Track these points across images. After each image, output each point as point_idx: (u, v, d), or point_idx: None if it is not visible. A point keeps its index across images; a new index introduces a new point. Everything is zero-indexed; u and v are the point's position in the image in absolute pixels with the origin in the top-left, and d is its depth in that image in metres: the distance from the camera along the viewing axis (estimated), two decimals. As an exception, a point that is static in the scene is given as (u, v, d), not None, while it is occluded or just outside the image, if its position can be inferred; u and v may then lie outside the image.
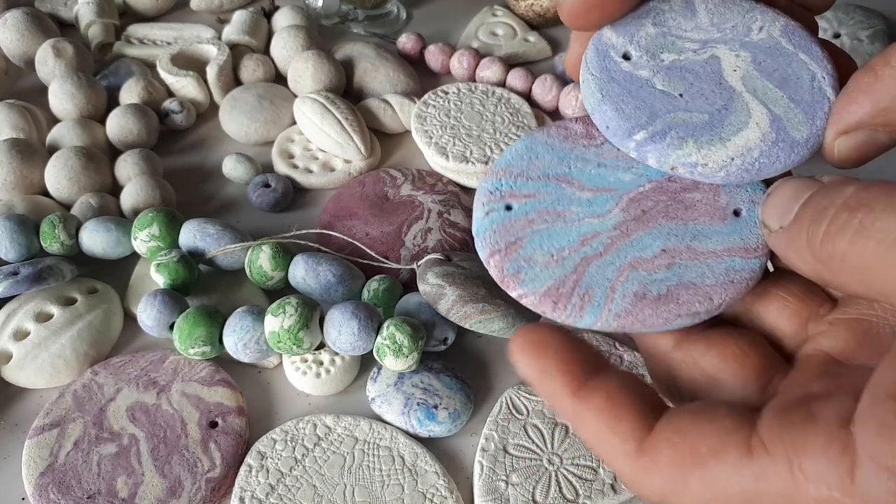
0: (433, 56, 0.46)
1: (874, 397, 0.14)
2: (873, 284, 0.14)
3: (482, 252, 0.20)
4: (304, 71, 0.43)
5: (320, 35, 0.48)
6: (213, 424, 0.30)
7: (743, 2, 0.21)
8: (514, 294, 0.19)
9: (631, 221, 0.20)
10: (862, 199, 0.15)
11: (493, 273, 0.20)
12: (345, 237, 0.35)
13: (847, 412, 0.14)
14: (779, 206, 0.17)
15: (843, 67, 0.20)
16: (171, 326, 0.31)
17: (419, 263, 0.32)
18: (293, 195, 0.40)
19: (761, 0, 0.21)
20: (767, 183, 0.19)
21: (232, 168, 0.40)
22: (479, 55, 0.45)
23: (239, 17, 0.47)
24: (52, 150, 0.39)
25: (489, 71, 0.44)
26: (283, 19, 0.48)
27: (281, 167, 0.40)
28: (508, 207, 0.20)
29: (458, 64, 0.45)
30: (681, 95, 0.20)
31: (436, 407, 0.30)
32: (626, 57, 0.20)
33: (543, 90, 0.43)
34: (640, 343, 0.20)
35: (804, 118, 0.19)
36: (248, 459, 0.29)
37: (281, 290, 0.34)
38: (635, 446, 0.16)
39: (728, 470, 0.15)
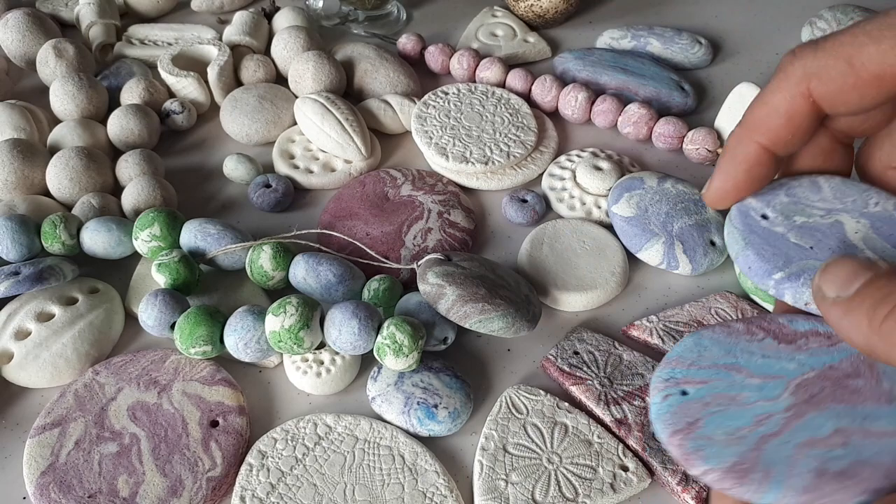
0: (433, 57, 0.47)
1: None
2: None
3: (663, 433, 0.22)
4: (304, 71, 0.43)
5: (321, 36, 0.48)
6: (214, 424, 0.30)
7: (860, 183, 0.24)
8: (697, 471, 0.21)
9: (801, 404, 0.21)
10: None
11: (675, 452, 0.21)
12: (345, 237, 0.35)
13: None
14: (839, 277, 0.20)
15: None
16: (172, 326, 0.31)
17: (419, 263, 0.32)
18: (294, 195, 0.40)
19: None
20: None
21: (233, 168, 0.40)
22: (478, 56, 0.46)
23: (240, 18, 0.47)
24: (54, 150, 0.39)
25: (489, 72, 0.45)
26: (284, 20, 0.48)
27: (281, 167, 0.41)
28: (684, 392, 0.22)
29: (458, 65, 0.45)
30: (811, 248, 0.23)
31: (436, 406, 0.30)
32: (765, 217, 0.24)
33: (543, 91, 0.43)
34: None
35: None
36: (249, 458, 0.29)
37: (282, 289, 0.34)
38: None
39: None
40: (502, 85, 0.45)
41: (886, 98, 0.22)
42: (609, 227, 0.38)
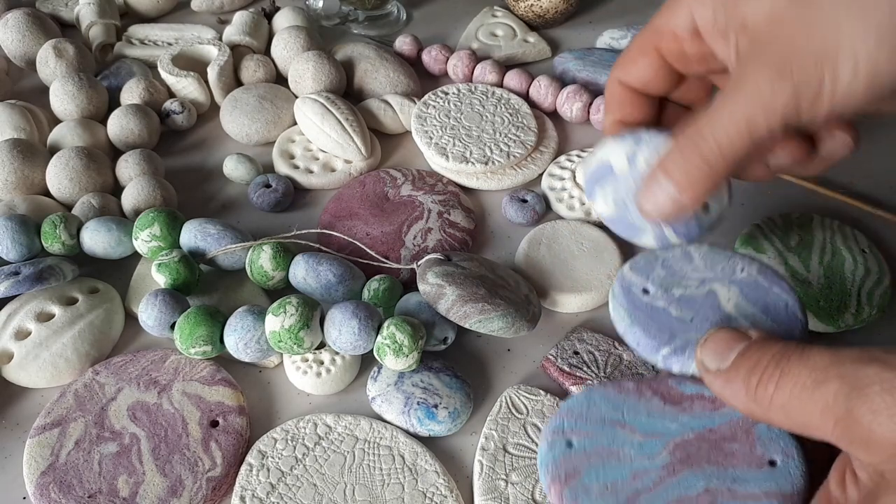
0: (430, 59, 0.46)
1: None
2: (792, 417, 0.19)
3: (543, 480, 0.23)
4: (304, 71, 0.43)
5: (321, 36, 0.48)
6: (214, 424, 0.30)
7: (725, 251, 0.27)
8: None
9: (677, 463, 0.23)
10: (784, 353, 0.20)
11: (553, 499, 0.23)
12: (345, 237, 0.35)
13: None
14: (717, 350, 0.22)
15: None
16: (172, 326, 0.31)
17: (419, 263, 0.32)
18: (294, 195, 0.40)
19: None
20: (797, 438, 0.23)
21: (233, 168, 0.40)
22: (476, 58, 0.46)
23: (240, 18, 0.47)
24: (54, 150, 0.39)
25: (485, 76, 0.45)
26: (284, 20, 0.48)
27: (281, 167, 0.41)
28: (569, 444, 0.23)
29: (455, 68, 0.45)
30: (691, 320, 0.25)
31: (436, 406, 0.30)
32: (646, 291, 0.26)
33: (541, 92, 0.43)
34: None
35: (784, 335, 0.24)
36: (249, 458, 0.29)
37: (282, 289, 0.34)
38: None
39: None
40: (500, 86, 0.45)
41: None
42: (606, 230, 0.38)
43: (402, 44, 0.47)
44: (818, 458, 0.22)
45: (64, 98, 0.41)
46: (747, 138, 0.22)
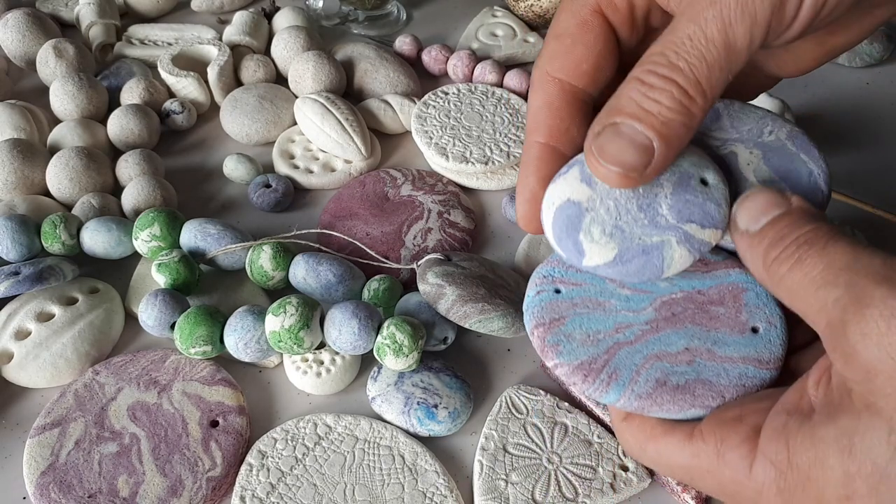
0: (430, 59, 0.46)
1: (774, 413, 0.19)
2: (795, 303, 0.19)
3: (528, 324, 0.23)
4: (304, 71, 0.43)
5: (321, 36, 0.48)
6: (214, 424, 0.30)
7: (757, 110, 0.24)
8: (550, 363, 0.22)
9: (661, 320, 0.23)
10: (809, 238, 0.19)
11: (535, 343, 0.23)
12: (345, 237, 0.35)
13: (759, 424, 0.20)
14: (751, 212, 0.21)
15: None
16: (172, 326, 0.31)
17: (419, 263, 0.32)
18: (294, 195, 0.40)
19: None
20: (781, 306, 0.22)
21: (233, 168, 0.40)
22: (475, 58, 0.46)
23: (240, 18, 0.47)
24: (54, 150, 0.39)
25: (485, 76, 0.45)
26: (284, 20, 0.48)
27: (281, 167, 0.41)
28: (557, 291, 0.23)
29: (455, 68, 0.45)
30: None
31: (436, 406, 0.30)
32: None
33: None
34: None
35: None
36: (249, 458, 0.29)
37: (282, 289, 0.34)
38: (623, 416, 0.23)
39: (672, 446, 0.21)
40: (501, 86, 0.45)
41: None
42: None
43: (402, 44, 0.47)
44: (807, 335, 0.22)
45: (64, 98, 0.41)
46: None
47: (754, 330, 0.22)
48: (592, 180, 0.22)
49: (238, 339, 0.30)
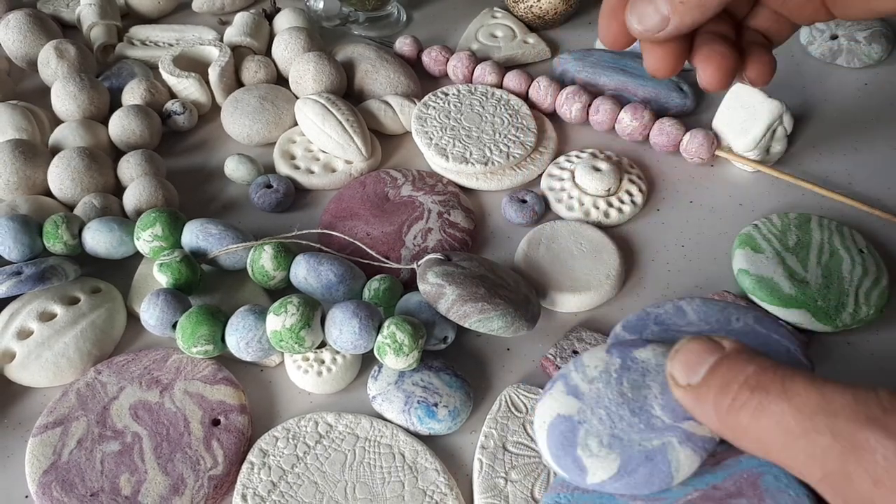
0: (430, 60, 0.47)
1: None
2: (771, 454, 0.18)
3: None
4: (305, 72, 0.43)
5: (321, 37, 0.48)
6: (216, 422, 0.30)
7: (719, 302, 0.26)
8: None
9: None
10: (760, 380, 0.18)
11: None
12: (346, 237, 0.36)
13: None
14: (687, 364, 0.20)
15: None
16: (174, 325, 0.31)
17: (419, 263, 0.32)
18: (295, 196, 0.40)
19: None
20: (807, 487, 0.21)
21: (234, 169, 0.40)
22: (475, 59, 0.46)
23: (240, 19, 0.47)
24: (55, 150, 0.39)
25: (485, 77, 0.45)
26: (285, 21, 0.48)
27: (282, 168, 0.41)
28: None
29: (455, 69, 0.46)
30: None
31: (436, 405, 0.30)
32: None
33: (541, 92, 0.44)
34: None
35: None
36: (251, 457, 0.29)
37: (283, 289, 0.34)
38: None
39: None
40: (500, 87, 0.45)
41: None
42: (605, 230, 0.39)
43: (403, 45, 0.47)
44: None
45: (65, 99, 0.41)
46: None
47: None
48: (578, 391, 0.22)
49: (239, 338, 0.30)
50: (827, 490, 0.17)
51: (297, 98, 0.44)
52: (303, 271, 0.33)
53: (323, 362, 0.32)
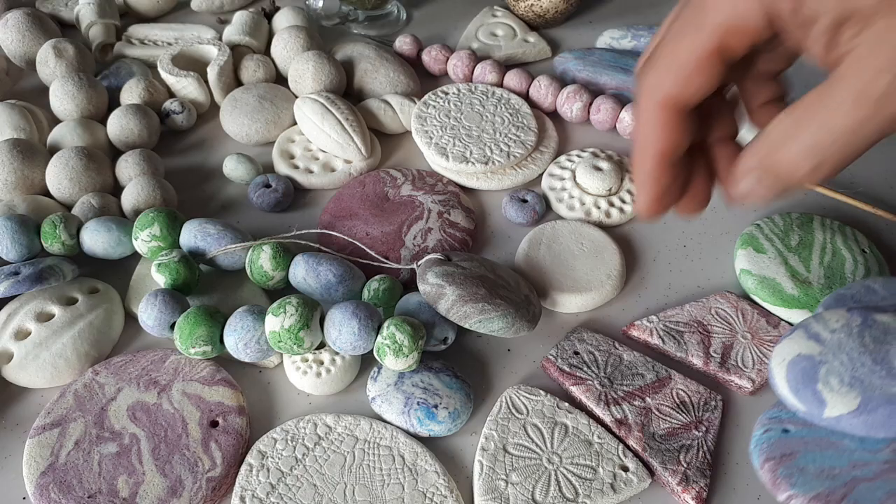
0: (430, 59, 0.46)
1: None
2: None
3: (757, 459, 0.23)
4: (304, 71, 0.43)
5: (321, 36, 0.48)
6: (214, 424, 0.30)
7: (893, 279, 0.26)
8: (782, 495, 0.23)
9: None
10: None
11: (765, 476, 0.23)
12: (345, 237, 0.35)
13: None
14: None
15: None
16: (172, 326, 0.31)
17: (419, 263, 0.32)
18: (294, 195, 0.40)
19: None
20: None
21: (233, 168, 0.40)
22: (475, 58, 0.45)
23: (239, 18, 0.47)
24: (53, 150, 0.39)
25: (485, 76, 0.45)
26: (284, 20, 0.48)
27: (281, 167, 0.41)
28: (786, 430, 0.24)
29: (455, 68, 0.45)
30: None
31: (436, 406, 0.30)
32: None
33: (541, 91, 0.43)
34: None
35: None
36: (249, 459, 0.29)
37: (281, 290, 0.34)
38: None
39: None
40: (501, 86, 0.45)
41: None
42: (607, 230, 0.38)
43: (402, 44, 0.47)
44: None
45: (64, 98, 0.41)
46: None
47: None
48: (820, 337, 0.22)
49: (238, 339, 0.30)
50: None
51: (296, 97, 0.44)
52: (302, 271, 0.33)
53: (322, 363, 0.31)
